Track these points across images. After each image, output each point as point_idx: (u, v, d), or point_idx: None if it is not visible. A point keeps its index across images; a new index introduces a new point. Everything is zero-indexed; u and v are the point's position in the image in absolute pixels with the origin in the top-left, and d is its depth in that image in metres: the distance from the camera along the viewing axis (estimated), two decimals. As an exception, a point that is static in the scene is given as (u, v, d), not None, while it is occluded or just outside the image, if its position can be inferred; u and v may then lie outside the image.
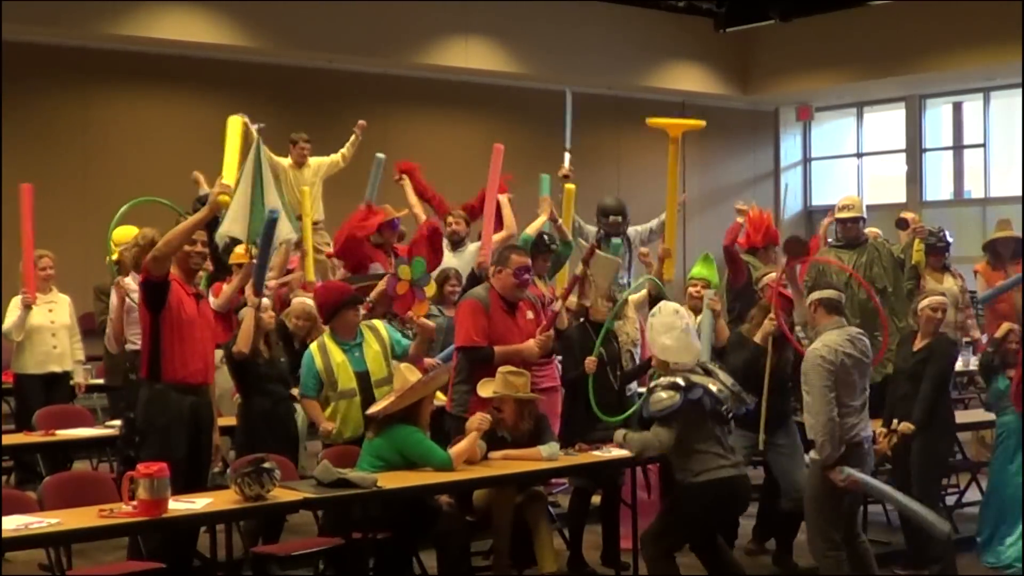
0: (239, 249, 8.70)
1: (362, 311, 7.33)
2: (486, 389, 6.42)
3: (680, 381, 5.85)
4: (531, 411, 6.42)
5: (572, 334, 7.19)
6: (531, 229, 8.42)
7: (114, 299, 7.83)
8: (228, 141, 6.80)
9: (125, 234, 9.09)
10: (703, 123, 8.74)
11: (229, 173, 6.47)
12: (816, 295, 6.07)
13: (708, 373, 6.01)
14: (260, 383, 6.80)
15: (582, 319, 7.25)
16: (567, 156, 9.43)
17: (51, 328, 8.86)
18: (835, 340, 5.89)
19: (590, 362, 6.79)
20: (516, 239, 8.50)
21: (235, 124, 6.84)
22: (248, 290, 7.08)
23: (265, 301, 6.91)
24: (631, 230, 9.21)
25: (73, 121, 13.17)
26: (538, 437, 6.38)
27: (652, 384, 6.02)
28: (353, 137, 10.79)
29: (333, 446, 6.49)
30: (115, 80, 13.48)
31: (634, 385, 7.39)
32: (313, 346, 6.73)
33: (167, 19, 12.99)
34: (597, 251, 7.58)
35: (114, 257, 9.03)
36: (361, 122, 10.80)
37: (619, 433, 6.17)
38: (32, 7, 11.82)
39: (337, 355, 6.61)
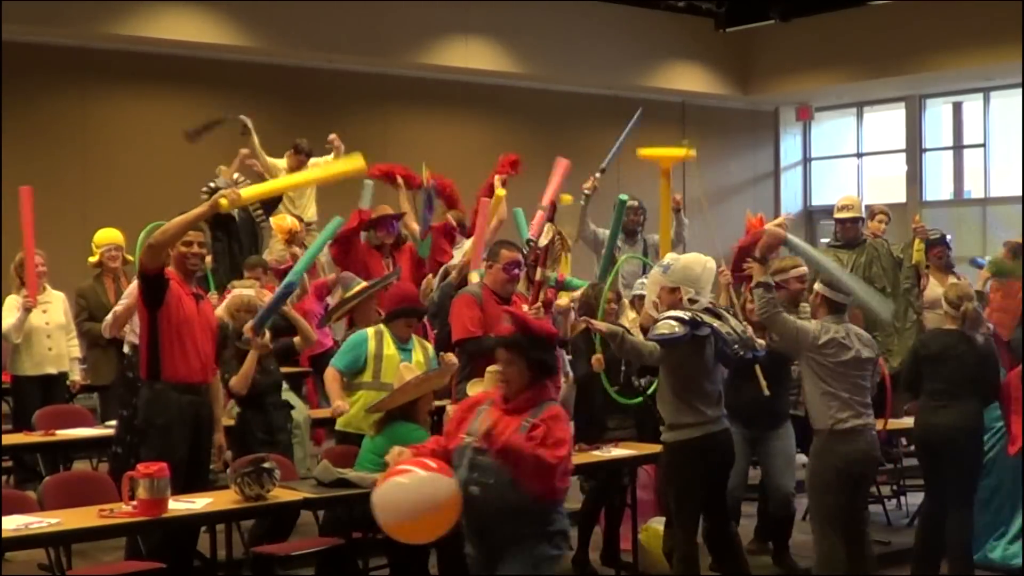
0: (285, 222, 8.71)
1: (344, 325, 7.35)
2: (476, 388, 6.40)
3: (687, 316, 5.85)
4: None
5: (578, 340, 7.21)
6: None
7: (132, 287, 7.61)
8: (320, 172, 6.61)
9: (106, 236, 9.14)
10: (693, 153, 8.58)
11: (255, 192, 6.37)
12: (825, 291, 6.08)
13: (718, 316, 6.01)
14: (256, 398, 6.81)
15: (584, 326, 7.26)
16: (597, 175, 9.42)
17: (46, 329, 8.84)
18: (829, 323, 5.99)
19: (596, 361, 6.80)
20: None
21: (349, 164, 6.66)
22: (247, 328, 7.03)
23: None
24: (651, 238, 9.19)
25: (72, 121, 13.16)
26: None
27: (662, 315, 6.00)
28: (334, 154, 10.70)
29: (344, 441, 6.47)
30: (115, 80, 13.47)
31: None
32: (370, 330, 6.63)
33: (167, 19, 12.98)
34: (557, 205, 7.59)
35: (94, 259, 9.09)
36: (332, 135, 10.68)
37: (618, 328, 6.18)
38: (32, 7, 11.81)
39: (391, 347, 6.52)
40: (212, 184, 9.20)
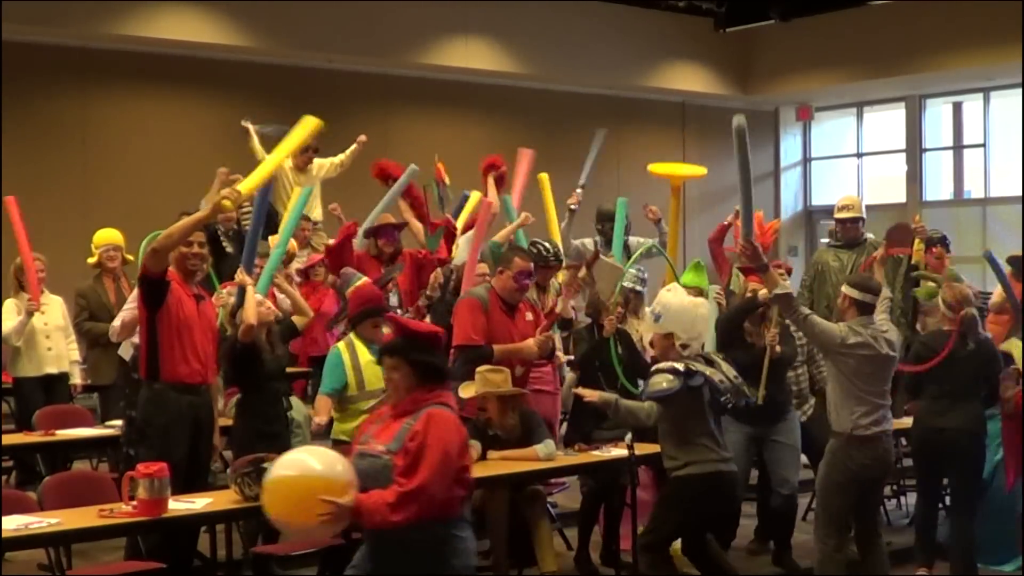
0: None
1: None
2: (468, 390, 6.39)
3: (681, 367, 5.89)
4: (515, 405, 6.41)
5: (581, 330, 7.26)
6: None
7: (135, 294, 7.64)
8: (281, 148, 6.79)
9: (105, 237, 9.13)
10: (704, 171, 8.62)
11: (253, 181, 6.43)
12: (853, 293, 6.08)
13: (711, 363, 6.04)
14: (261, 380, 6.78)
15: (592, 321, 7.27)
16: (579, 191, 9.52)
17: (45, 330, 8.84)
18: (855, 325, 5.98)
19: (608, 322, 6.85)
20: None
21: (304, 129, 6.90)
22: (239, 274, 7.02)
23: (262, 296, 6.87)
24: (633, 240, 9.19)
25: (73, 121, 13.16)
26: (529, 434, 6.37)
27: (654, 368, 6.05)
28: (354, 147, 10.76)
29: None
30: (115, 80, 13.47)
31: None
32: (340, 345, 6.60)
33: (167, 19, 12.98)
34: (601, 257, 7.62)
35: (93, 260, 9.09)
36: (362, 137, 10.78)
37: (612, 396, 6.20)
38: (32, 7, 11.81)
39: (365, 355, 6.45)
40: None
